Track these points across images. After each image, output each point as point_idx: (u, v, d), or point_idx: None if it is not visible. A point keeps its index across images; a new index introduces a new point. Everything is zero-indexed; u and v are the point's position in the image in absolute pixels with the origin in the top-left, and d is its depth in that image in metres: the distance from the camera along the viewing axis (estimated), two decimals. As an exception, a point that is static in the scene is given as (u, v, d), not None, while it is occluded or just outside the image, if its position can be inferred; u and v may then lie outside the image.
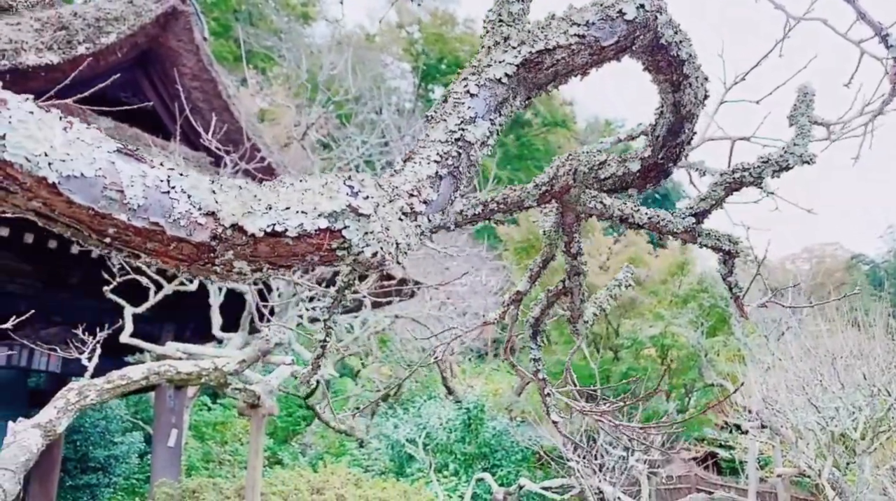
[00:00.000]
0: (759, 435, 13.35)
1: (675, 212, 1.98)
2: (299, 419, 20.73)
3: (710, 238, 1.95)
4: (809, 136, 1.77)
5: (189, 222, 0.95)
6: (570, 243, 2.07)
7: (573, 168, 1.78)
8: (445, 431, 15.54)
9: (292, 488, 7.60)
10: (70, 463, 17.02)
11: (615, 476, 10.09)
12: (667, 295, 21.43)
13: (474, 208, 1.81)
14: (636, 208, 1.93)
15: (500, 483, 12.62)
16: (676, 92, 1.54)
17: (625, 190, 1.82)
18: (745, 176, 1.84)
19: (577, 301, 2.26)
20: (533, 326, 2.35)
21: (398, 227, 1.08)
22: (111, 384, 6.09)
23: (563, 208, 1.95)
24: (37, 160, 0.86)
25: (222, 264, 0.98)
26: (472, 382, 21.13)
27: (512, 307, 2.36)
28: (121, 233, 0.93)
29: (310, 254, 1.03)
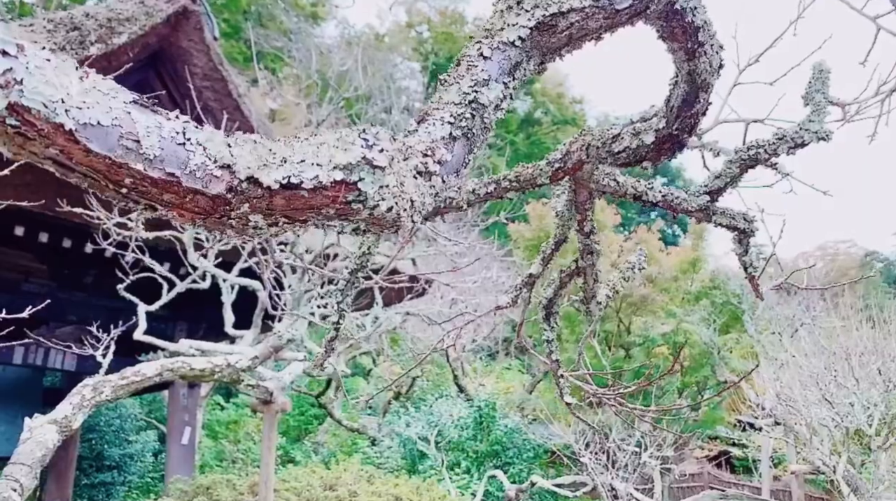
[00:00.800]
0: (772, 432, 13.28)
1: (690, 189, 1.95)
2: (311, 418, 20.79)
3: (725, 216, 1.92)
4: (825, 113, 1.74)
5: (205, 174, 0.95)
6: (583, 221, 2.05)
7: (586, 143, 1.76)
8: (457, 429, 15.53)
9: (305, 484, 7.62)
10: (85, 462, 17.17)
11: (627, 474, 10.06)
12: (679, 292, 21.33)
13: (487, 186, 1.80)
14: (649, 185, 1.90)
15: (511, 481, 12.60)
16: (691, 60, 1.52)
17: (639, 163, 1.79)
18: (761, 152, 1.81)
19: (591, 281, 2.24)
20: (546, 307, 2.32)
21: (413, 185, 1.07)
22: (125, 380, 6.12)
23: (575, 185, 1.93)
24: (54, 107, 0.86)
25: (238, 218, 0.98)
26: (483, 381, 21.11)
27: (524, 290, 2.34)
28: (137, 183, 0.93)
29: (325, 208, 1.03)
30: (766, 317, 18.11)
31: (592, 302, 2.32)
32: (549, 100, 52.47)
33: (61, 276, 12.13)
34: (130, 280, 7.97)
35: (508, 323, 24.05)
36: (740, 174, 1.89)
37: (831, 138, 1.72)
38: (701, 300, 20.10)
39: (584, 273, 2.24)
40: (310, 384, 19.54)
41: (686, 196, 1.91)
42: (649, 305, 19.95)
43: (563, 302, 2.44)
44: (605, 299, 2.37)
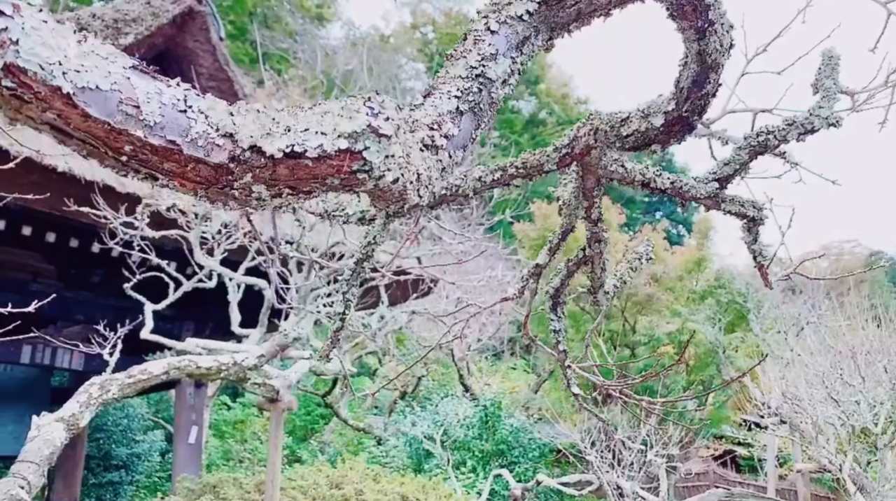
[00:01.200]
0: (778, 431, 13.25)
1: (699, 177, 1.94)
2: (318, 417, 20.81)
3: (734, 203, 1.90)
4: (835, 99, 1.73)
5: (207, 142, 0.93)
6: (591, 208, 2.03)
7: (594, 128, 1.74)
8: (463, 428, 15.54)
9: (311, 483, 7.62)
10: (93, 461, 17.25)
11: (633, 472, 10.04)
12: (684, 291, 21.30)
13: (493, 174, 1.79)
14: (658, 172, 1.89)
15: (517, 480, 12.60)
16: (701, 39, 1.50)
17: (648, 146, 1.77)
18: (770, 138, 1.80)
19: (598, 270, 2.21)
20: (553, 297, 2.30)
21: (419, 158, 1.06)
22: (132, 378, 6.13)
23: (583, 171, 1.91)
24: (51, 69, 0.84)
25: (241, 188, 0.97)
26: (488, 380, 21.11)
27: (531, 281, 2.31)
28: (137, 150, 0.92)
29: (330, 177, 1.02)
30: (771, 316, 18.07)
31: (600, 292, 2.29)
32: (554, 100, 52.48)
33: (69, 276, 12.17)
34: (137, 279, 8.01)
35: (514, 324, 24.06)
36: (749, 160, 1.87)
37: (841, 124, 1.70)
38: (706, 299, 20.08)
39: (591, 261, 2.21)
40: (316, 383, 19.57)
41: (695, 183, 1.90)
42: (654, 304, 19.93)
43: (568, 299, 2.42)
44: (613, 289, 2.34)
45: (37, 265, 11.89)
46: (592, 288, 2.29)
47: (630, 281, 2.46)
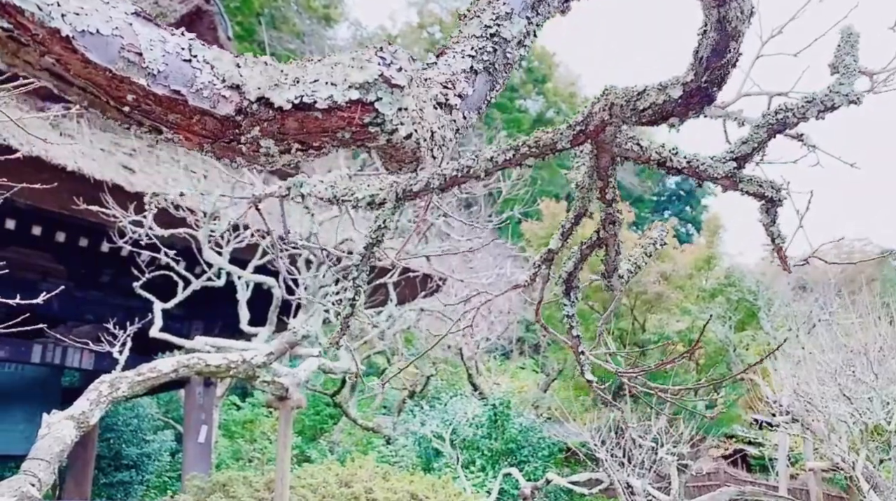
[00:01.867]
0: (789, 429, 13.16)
1: (716, 156, 1.89)
2: (327, 417, 20.82)
3: (752, 184, 1.85)
4: (855, 76, 1.69)
5: (213, 93, 0.90)
6: (605, 189, 1.99)
7: (609, 103, 1.70)
8: (472, 427, 15.52)
9: (321, 481, 7.61)
10: (104, 461, 17.33)
11: (644, 471, 10.00)
12: (693, 289, 21.20)
13: (505, 153, 1.76)
14: (674, 151, 1.84)
15: (527, 479, 12.56)
16: (722, 6, 1.46)
17: (665, 120, 1.72)
18: (789, 116, 1.75)
19: (613, 252, 2.17)
20: (566, 281, 2.26)
21: (433, 115, 1.02)
22: (141, 376, 6.14)
23: (597, 150, 1.87)
24: (49, 9, 0.81)
25: (248, 142, 0.93)
26: (497, 379, 21.08)
27: (543, 267, 2.27)
28: (140, 100, 0.88)
29: (340, 130, 0.98)
30: (782, 314, 17.98)
31: (614, 276, 2.25)
32: (562, 99, 52.41)
33: (78, 276, 12.20)
34: (146, 278, 8.02)
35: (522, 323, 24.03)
36: (768, 139, 1.82)
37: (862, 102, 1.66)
38: (716, 297, 19.97)
39: (605, 244, 2.17)
40: (325, 383, 19.58)
41: (712, 162, 1.85)
42: (664, 302, 19.85)
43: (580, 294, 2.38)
44: (627, 273, 2.30)
45: (47, 265, 11.93)
46: (606, 272, 2.25)
47: (644, 267, 2.40)
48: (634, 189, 47.61)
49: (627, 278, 2.29)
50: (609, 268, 2.23)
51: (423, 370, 19.61)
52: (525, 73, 52.94)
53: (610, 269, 2.23)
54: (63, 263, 11.77)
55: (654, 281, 19.37)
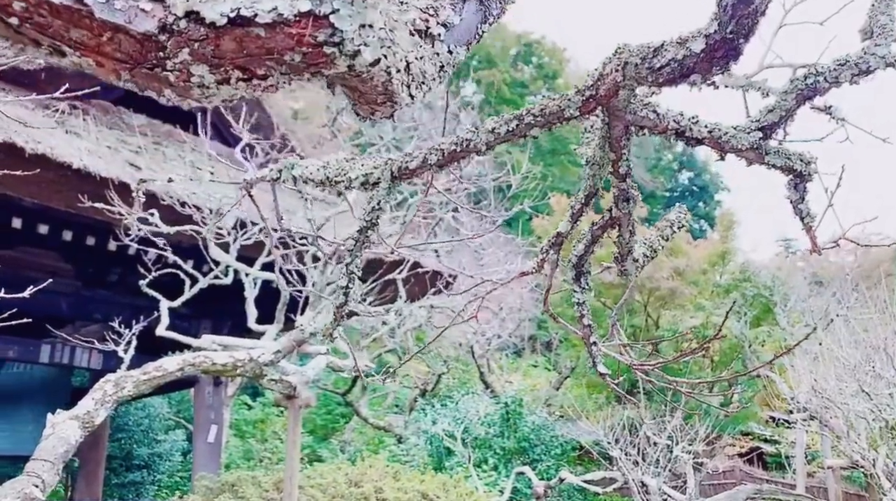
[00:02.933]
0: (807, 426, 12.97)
1: (740, 126, 1.73)
2: (338, 416, 20.78)
3: (780, 156, 1.69)
4: (892, 37, 1.54)
5: (128, 5, 0.72)
6: (618, 162, 1.82)
7: (622, 62, 1.54)
8: (484, 426, 15.40)
9: (330, 481, 7.51)
10: (115, 462, 17.36)
11: (659, 469, 9.84)
12: (708, 285, 20.98)
13: (508, 124, 1.63)
14: (694, 120, 1.68)
15: (540, 478, 12.43)
16: None
17: (686, 78, 1.56)
18: (819, 81, 1.60)
19: (626, 233, 2.01)
20: (576, 266, 2.11)
21: (409, 42, 0.85)
22: (147, 375, 6.04)
23: (610, 118, 1.71)
24: None
25: (176, 69, 0.76)
26: (509, 378, 20.96)
27: (552, 252, 2.11)
28: (32, 9, 0.70)
29: (289, 52, 0.79)
30: (798, 310, 17.75)
31: (628, 260, 2.08)
32: (573, 94, 52.04)
33: (86, 275, 12.15)
34: (153, 276, 7.92)
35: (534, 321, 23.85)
36: (796, 107, 1.67)
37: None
38: (731, 292, 19.74)
39: (619, 224, 2.01)
40: (336, 381, 19.50)
41: (735, 132, 1.70)
42: (678, 298, 19.65)
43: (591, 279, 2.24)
44: (643, 257, 2.14)
45: (54, 264, 11.87)
46: (620, 256, 2.09)
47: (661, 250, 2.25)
48: (646, 185, 47.34)
49: (643, 262, 2.13)
50: (623, 251, 2.07)
51: (435, 368, 19.51)
52: (535, 69, 52.73)
53: (624, 252, 2.07)
54: (70, 262, 11.72)
55: (668, 277, 19.17)
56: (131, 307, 10.93)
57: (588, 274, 2.11)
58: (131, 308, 10.76)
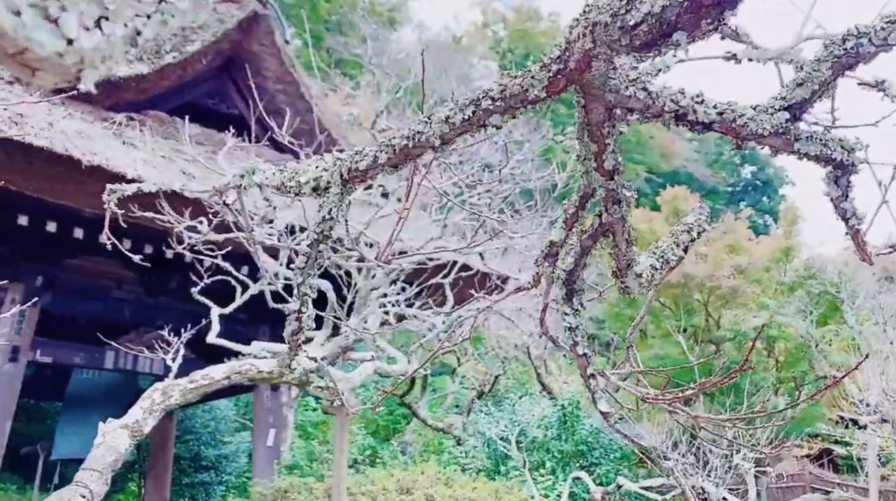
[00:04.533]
0: (879, 430, 12.42)
1: (760, 105, 1.40)
2: (400, 417, 20.84)
3: (813, 142, 1.37)
4: None
5: None
6: (602, 154, 1.50)
7: (590, 24, 1.26)
8: (541, 429, 15.21)
9: (380, 488, 7.48)
10: (185, 462, 17.83)
11: (719, 475, 9.54)
12: (771, 283, 20.30)
13: (463, 111, 1.44)
14: (698, 99, 1.38)
15: (598, 483, 12.20)
16: None
17: (667, 38, 1.27)
18: (863, 43, 1.28)
19: (622, 243, 1.71)
20: (567, 283, 1.81)
21: None
22: (194, 384, 6.12)
23: (586, 99, 1.41)
24: None
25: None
26: (567, 379, 20.67)
27: (545, 264, 1.83)
28: None
29: None
30: (867, 307, 17.04)
31: (629, 275, 1.76)
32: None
33: (148, 282, 12.44)
34: (205, 284, 8.02)
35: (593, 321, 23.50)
36: (833, 78, 1.35)
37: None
38: (796, 290, 19.05)
39: (611, 232, 1.69)
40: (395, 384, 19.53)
41: (755, 114, 1.37)
42: (740, 297, 19.08)
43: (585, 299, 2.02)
44: (650, 271, 1.80)
45: (118, 272, 12.20)
46: (618, 270, 1.79)
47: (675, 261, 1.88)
48: (707, 180, 46.29)
49: (650, 277, 1.80)
50: (621, 265, 1.77)
51: (492, 369, 19.39)
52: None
53: (622, 266, 1.77)
54: (132, 270, 12.01)
55: (729, 275, 18.64)
56: (192, 314, 11.12)
57: (581, 293, 1.84)
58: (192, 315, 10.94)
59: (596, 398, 1.90)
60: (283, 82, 12.48)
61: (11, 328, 10.51)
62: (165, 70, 11.30)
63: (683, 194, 23.33)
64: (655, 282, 1.74)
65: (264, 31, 12.31)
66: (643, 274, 1.78)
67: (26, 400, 18.75)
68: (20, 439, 16.82)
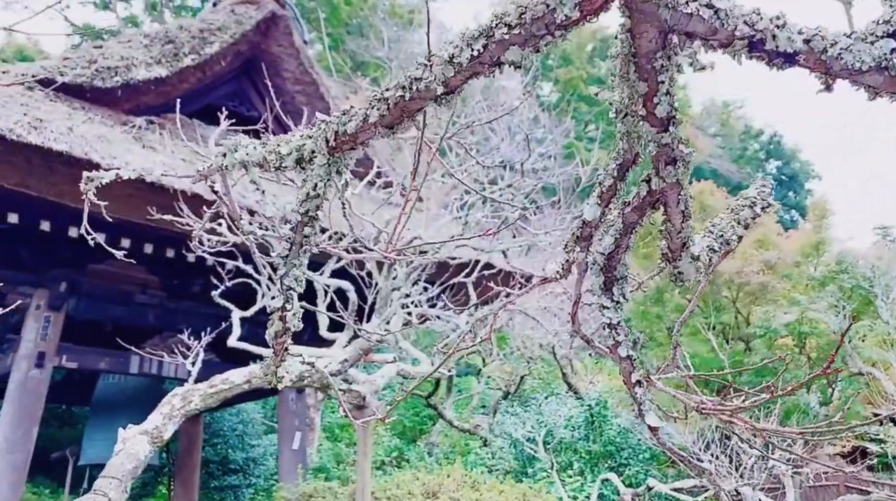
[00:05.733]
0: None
1: (857, 32, 1.12)
2: (426, 418, 20.75)
3: None
4: None
5: None
6: (653, 96, 1.17)
7: None
8: (568, 429, 15.00)
9: (405, 492, 7.35)
10: (213, 465, 17.89)
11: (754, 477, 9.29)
12: (801, 278, 19.88)
13: (471, 45, 1.16)
14: (779, 21, 1.09)
15: (628, 484, 11.98)
16: None
17: None
18: None
19: (677, 216, 1.36)
20: (605, 268, 1.48)
21: None
22: (214, 389, 6.04)
23: (633, 20, 1.11)
24: None
25: None
26: (593, 378, 20.43)
27: (578, 249, 1.48)
28: None
29: None
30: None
31: (684, 257, 1.42)
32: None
33: (171, 287, 12.42)
34: (225, 286, 7.96)
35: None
36: None
37: None
38: (827, 285, 18.62)
39: (663, 202, 1.35)
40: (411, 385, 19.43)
41: (851, 42, 1.10)
42: (769, 293, 18.69)
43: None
44: (708, 254, 1.47)
45: (142, 276, 12.19)
46: (670, 251, 1.44)
47: (736, 242, 1.55)
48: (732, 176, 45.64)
49: (709, 260, 1.47)
50: (674, 245, 1.41)
51: (518, 369, 19.21)
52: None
53: (675, 246, 1.41)
54: (156, 274, 12.00)
55: (758, 271, 18.26)
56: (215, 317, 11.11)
57: (623, 282, 1.48)
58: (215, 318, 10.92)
59: (643, 410, 1.59)
60: (302, 83, 12.41)
61: (37, 334, 10.53)
62: (184, 72, 11.27)
63: (710, 188, 22.93)
64: (712, 267, 1.46)
65: (282, 31, 12.25)
66: (700, 257, 1.45)
67: (57, 405, 18.92)
68: (52, 443, 16.97)
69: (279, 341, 1.67)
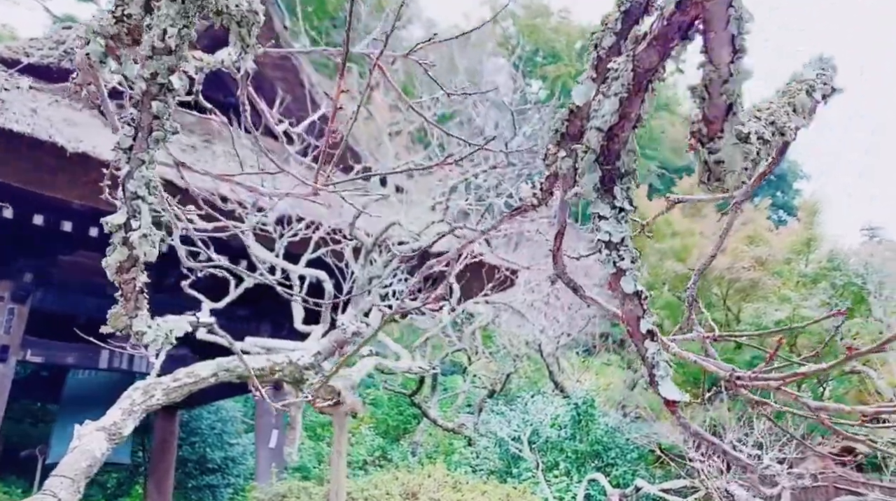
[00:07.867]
0: (910, 427, 11.83)
1: None
2: (410, 417, 20.43)
3: None
4: None
5: None
6: None
7: None
8: (554, 428, 14.68)
9: (383, 492, 6.98)
10: (191, 465, 17.53)
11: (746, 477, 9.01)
12: (792, 275, 19.63)
13: None
14: None
15: (615, 484, 11.66)
16: None
17: None
18: None
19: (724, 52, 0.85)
20: (603, 157, 0.96)
21: None
22: (178, 382, 5.64)
23: None
24: None
25: None
26: (580, 377, 20.12)
27: (564, 154, 1.03)
28: None
29: None
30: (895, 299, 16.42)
31: (726, 131, 0.92)
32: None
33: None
34: (198, 277, 7.58)
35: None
36: None
37: None
38: (819, 282, 18.37)
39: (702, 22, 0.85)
40: (405, 382, 19.08)
41: None
42: (760, 290, 18.43)
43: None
44: (758, 145, 0.99)
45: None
46: (705, 122, 0.92)
47: (792, 134, 1.12)
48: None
49: (757, 151, 0.99)
50: (713, 107, 0.90)
51: (503, 367, 18.88)
52: None
53: (716, 110, 0.89)
54: (128, 266, 11.55)
55: (749, 267, 17.99)
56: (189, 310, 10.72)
57: (630, 178, 0.98)
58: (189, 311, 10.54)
59: (657, 375, 1.10)
60: (283, 68, 12.03)
61: (0, 326, 10.10)
62: (158, 56, 10.87)
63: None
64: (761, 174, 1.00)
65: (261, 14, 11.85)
66: (743, 126, 0.96)
67: (28, 401, 18.44)
68: (26, 441, 16.52)
69: (126, 278, 1.28)
